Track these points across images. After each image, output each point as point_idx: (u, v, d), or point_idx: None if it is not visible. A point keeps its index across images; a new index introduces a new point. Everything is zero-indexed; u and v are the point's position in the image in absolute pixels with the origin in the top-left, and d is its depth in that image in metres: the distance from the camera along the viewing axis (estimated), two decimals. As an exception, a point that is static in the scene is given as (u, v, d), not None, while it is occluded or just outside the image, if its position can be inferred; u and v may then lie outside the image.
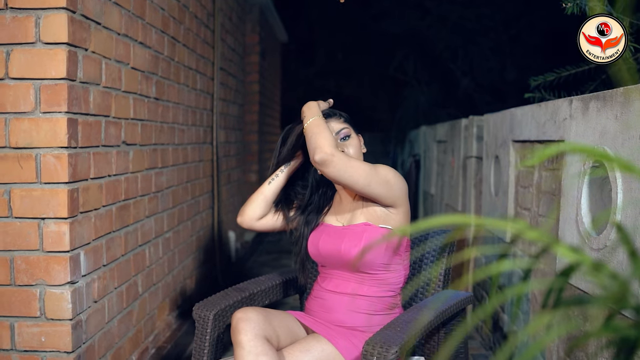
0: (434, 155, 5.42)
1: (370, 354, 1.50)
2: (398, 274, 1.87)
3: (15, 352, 1.91)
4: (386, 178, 1.79)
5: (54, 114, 1.85)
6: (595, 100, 1.85)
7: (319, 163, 1.72)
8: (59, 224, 1.88)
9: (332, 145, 1.72)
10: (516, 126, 2.67)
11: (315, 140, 1.75)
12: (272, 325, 1.75)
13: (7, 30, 1.84)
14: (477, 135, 3.58)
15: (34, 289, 1.90)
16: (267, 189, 2.01)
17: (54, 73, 1.84)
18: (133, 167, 2.46)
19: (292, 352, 1.72)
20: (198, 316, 1.85)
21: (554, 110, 2.20)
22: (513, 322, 2.74)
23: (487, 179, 3.20)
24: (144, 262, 2.63)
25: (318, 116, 1.83)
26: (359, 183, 1.74)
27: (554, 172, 2.25)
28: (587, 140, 1.88)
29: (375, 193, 1.78)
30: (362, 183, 1.74)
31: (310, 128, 1.80)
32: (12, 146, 1.87)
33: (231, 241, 4.65)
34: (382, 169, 1.80)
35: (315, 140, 1.75)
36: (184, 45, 3.23)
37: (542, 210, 2.36)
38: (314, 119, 1.82)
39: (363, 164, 1.77)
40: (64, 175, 1.87)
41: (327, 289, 1.90)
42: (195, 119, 3.54)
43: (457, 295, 1.86)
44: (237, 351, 1.66)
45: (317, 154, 1.71)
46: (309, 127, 1.80)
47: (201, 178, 3.73)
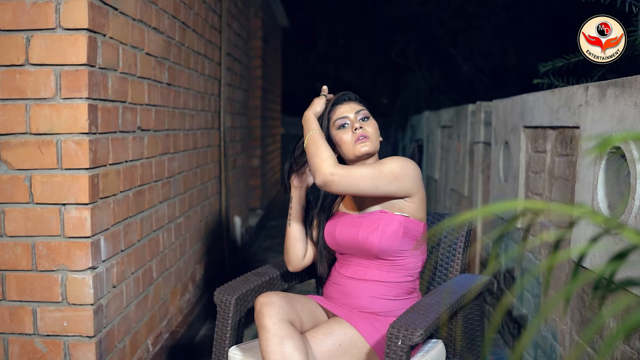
0: (437, 140, 5.43)
1: (396, 336, 1.52)
2: (416, 259, 1.89)
3: (37, 337, 1.93)
4: (393, 173, 1.78)
5: (74, 100, 1.86)
6: (613, 87, 1.86)
7: (322, 186, 1.75)
8: (80, 210, 1.89)
9: (330, 164, 1.73)
10: (527, 112, 2.69)
11: (313, 162, 1.77)
12: (295, 309, 1.77)
13: (27, 16, 1.83)
14: (485, 120, 3.60)
15: (55, 274, 1.91)
16: (292, 230, 1.99)
17: (74, 59, 1.84)
18: (148, 152, 2.47)
19: (315, 335, 1.74)
20: (220, 301, 1.87)
21: (569, 96, 2.22)
22: (546, 291, 2.78)
23: (496, 164, 3.21)
24: (158, 248, 2.65)
25: (314, 131, 1.84)
26: (366, 190, 1.76)
27: (567, 157, 2.27)
28: (604, 127, 1.90)
29: (386, 193, 1.80)
30: (369, 189, 1.76)
31: (308, 148, 1.82)
32: (32, 132, 1.87)
33: (237, 226, 4.67)
34: (387, 165, 1.79)
35: (314, 162, 1.77)
36: (194, 30, 3.22)
37: (554, 195, 2.39)
38: (310, 135, 1.83)
39: (365, 170, 1.76)
40: (85, 161, 1.87)
41: (346, 275, 1.92)
42: (205, 104, 3.54)
43: (476, 279, 1.89)
44: (262, 335, 1.68)
45: (317, 177, 1.74)
46: (307, 147, 1.83)
47: (209, 163, 3.73)
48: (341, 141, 1.89)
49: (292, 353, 1.63)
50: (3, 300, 1.93)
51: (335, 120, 1.91)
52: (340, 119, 1.90)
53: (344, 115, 1.90)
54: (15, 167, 1.88)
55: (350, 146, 1.88)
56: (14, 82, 1.86)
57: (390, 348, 1.53)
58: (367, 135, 1.87)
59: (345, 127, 1.90)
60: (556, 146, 2.38)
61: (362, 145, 1.86)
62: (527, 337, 0.69)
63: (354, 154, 1.88)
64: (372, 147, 1.88)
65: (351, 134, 1.88)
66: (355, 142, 1.87)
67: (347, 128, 1.89)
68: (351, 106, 1.92)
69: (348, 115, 1.90)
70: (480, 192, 3.67)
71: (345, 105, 1.92)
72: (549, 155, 2.46)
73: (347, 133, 1.89)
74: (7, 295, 1.93)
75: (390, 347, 1.53)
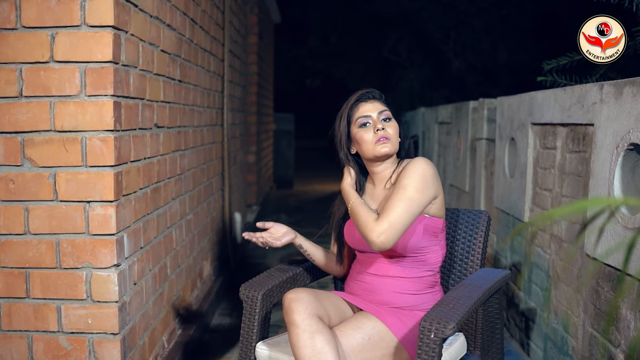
0: (434, 136, 5.48)
1: (428, 330, 1.55)
2: (436, 254, 1.93)
3: (62, 334, 1.94)
4: (418, 190, 1.80)
5: (99, 97, 1.86)
6: (630, 85, 1.90)
7: (378, 250, 1.80)
8: (105, 207, 1.90)
9: (373, 229, 1.77)
10: (536, 109, 2.73)
11: (361, 231, 1.83)
12: (322, 304, 1.80)
13: (52, 13, 1.83)
14: (488, 117, 3.64)
15: (80, 271, 1.92)
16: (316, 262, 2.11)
17: (100, 56, 1.84)
18: (163, 149, 2.47)
19: (344, 329, 1.77)
20: (246, 296, 1.89)
21: (582, 94, 2.26)
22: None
23: (501, 161, 3.26)
24: (172, 244, 2.66)
25: (353, 200, 1.89)
26: (411, 222, 1.80)
27: (579, 154, 2.31)
28: (621, 125, 1.94)
29: (423, 210, 1.84)
30: (412, 219, 1.79)
31: (352, 216, 1.88)
32: (57, 129, 1.87)
33: (237, 222, 4.68)
34: (409, 187, 1.79)
35: (361, 232, 1.83)
36: (201, 27, 3.22)
37: (565, 190, 2.43)
38: (350, 205, 1.90)
39: (398, 209, 1.77)
40: (110, 159, 1.88)
41: (369, 272, 1.94)
42: (210, 101, 3.54)
43: (498, 273, 1.93)
44: (292, 330, 1.70)
45: (371, 244, 1.78)
46: (351, 215, 1.90)
47: (214, 160, 3.74)
48: (362, 140, 1.91)
49: (323, 347, 1.65)
50: (27, 298, 1.93)
51: (358, 118, 1.93)
52: (363, 118, 1.92)
53: (367, 114, 1.92)
54: (40, 164, 1.88)
55: (371, 146, 1.90)
56: (38, 79, 1.85)
57: (423, 341, 1.56)
58: (389, 137, 1.90)
59: (367, 126, 1.92)
60: (567, 143, 2.42)
61: (382, 146, 1.89)
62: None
63: (373, 154, 1.90)
64: (392, 149, 1.91)
65: (372, 134, 1.90)
66: (376, 142, 1.89)
67: (368, 127, 1.91)
68: (375, 105, 1.94)
69: (371, 114, 1.92)
70: (483, 188, 3.72)
71: (369, 104, 1.94)
72: (559, 152, 2.50)
73: (369, 132, 1.91)
74: (31, 293, 1.93)
75: (422, 340, 1.56)
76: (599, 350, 2.08)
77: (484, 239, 2.03)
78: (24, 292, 1.93)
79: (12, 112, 1.86)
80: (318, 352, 1.64)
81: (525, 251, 2.91)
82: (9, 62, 1.85)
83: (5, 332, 1.94)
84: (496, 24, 8.58)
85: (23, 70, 1.85)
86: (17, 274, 1.92)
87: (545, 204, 2.64)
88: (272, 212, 7.29)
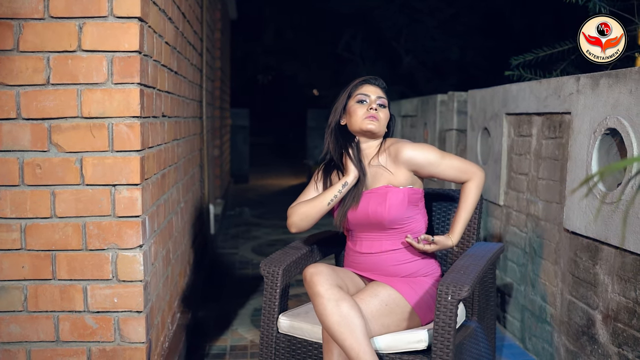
0: (397, 129, 5.72)
1: (445, 292, 1.74)
2: (419, 222, 2.10)
3: (88, 314, 2.01)
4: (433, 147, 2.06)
5: (126, 85, 1.94)
6: (606, 77, 2.15)
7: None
8: (131, 190, 1.98)
9: (474, 167, 2.14)
10: (511, 100, 2.97)
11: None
12: (340, 277, 1.95)
13: (80, 5, 1.90)
14: (458, 109, 3.88)
15: (106, 252, 2.00)
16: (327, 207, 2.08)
17: (127, 45, 1.93)
18: (167, 137, 2.56)
19: (362, 297, 1.93)
20: (267, 272, 2.03)
21: (558, 86, 2.50)
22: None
23: (473, 149, 3.50)
24: (172, 230, 2.74)
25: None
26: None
27: (556, 140, 2.56)
28: (598, 112, 2.19)
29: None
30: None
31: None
32: (84, 116, 1.94)
33: (211, 214, 4.77)
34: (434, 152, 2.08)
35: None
36: (188, 21, 3.31)
37: (541, 174, 2.68)
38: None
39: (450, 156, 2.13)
40: (137, 144, 1.97)
41: (361, 252, 2.09)
42: (194, 94, 3.63)
43: (494, 246, 2.14)
44: (317, 300, 1.84)
45: (476, 175, 2.12)
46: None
47: (195, 151, 3.82)
48: (354, 113, 2.09)
49: (349, 312, 1.81)
50: (53, 279, 1.99)
51: (358, 94, 2.11)
52: (362, 95, 2.10)
53: (367, 93, 2.10)
54: (66, 150, 1.95)
55: (360, 120, 2.08)
56: (66, 68, 1.92)
57: (441, 303, 1.74)
58: (378, 118, 2.08)
59: (363, 103, 2.10)
60: (543, 130, 2.67)
61: (369, 122, 2.06)
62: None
63: (360, 127, 2.08)
64: (378, 129, 2.08)
65: (365, 111, 2.08)
66: (365, 118, 2.07)
67: (364, 105, 2.10)
68: (377, 90, 2.12)
69: (370, 95, 2.10)
70: (453, 176, 3.96)
71: (372, 87, 2.12)
72: (534, 139, 2.75)
73: (362, 108, 2.09)
74: (57, 274, 1.99)
75: (440, 302, 1.74)
76: (577, 314, 2.33)
77: (478, 215, 2.24)
78: (50, 273, 1.99)
79: (40, 99, 1.92)
80: (345, 316, 1.80)
81: (500, 232, 3.15)
82: (36, 50, 1.91)
83: (32, 313, 2.00)
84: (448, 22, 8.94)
85: (51, 58, 1.91)
86: (43, 257, 1.98)
87: (520, 187, 2.89)
88: (235, 205, 7.36)
